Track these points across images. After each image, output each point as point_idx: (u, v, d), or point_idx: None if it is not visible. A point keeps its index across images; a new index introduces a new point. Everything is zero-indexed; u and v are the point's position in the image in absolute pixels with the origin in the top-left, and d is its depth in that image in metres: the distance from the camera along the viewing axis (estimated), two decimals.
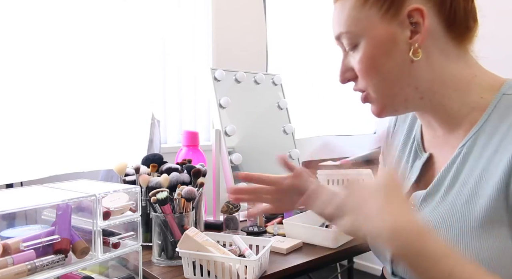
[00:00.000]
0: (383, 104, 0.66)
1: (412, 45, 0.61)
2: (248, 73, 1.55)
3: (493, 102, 0.61)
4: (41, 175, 1.22)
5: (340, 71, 0.68)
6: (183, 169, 1.15)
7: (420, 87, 0.63)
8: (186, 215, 1.00)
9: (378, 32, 0.61)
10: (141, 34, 1.50)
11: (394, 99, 0.65)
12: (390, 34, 0.61)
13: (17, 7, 1.17)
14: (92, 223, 0.78)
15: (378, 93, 0.65)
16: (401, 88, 0.63)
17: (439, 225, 0.61)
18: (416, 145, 0.73)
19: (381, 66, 0.62)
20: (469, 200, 0.58)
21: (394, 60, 0.62)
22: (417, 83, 0.63)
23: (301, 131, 1.90)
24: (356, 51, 0.64)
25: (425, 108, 0.66)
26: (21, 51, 1.18)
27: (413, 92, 0.63)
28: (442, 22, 0.61)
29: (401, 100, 0.65)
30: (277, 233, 1.20)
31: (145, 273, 0.95)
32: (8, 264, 0.66)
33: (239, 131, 1.45)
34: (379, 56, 0.62)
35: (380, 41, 0.62)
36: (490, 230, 0.56)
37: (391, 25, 0.61)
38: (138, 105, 1.49)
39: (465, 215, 0.58)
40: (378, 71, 0.63)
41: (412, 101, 0.65)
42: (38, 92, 1.22)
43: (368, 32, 0.62)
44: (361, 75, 0.65)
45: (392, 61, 0.62)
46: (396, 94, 0.64)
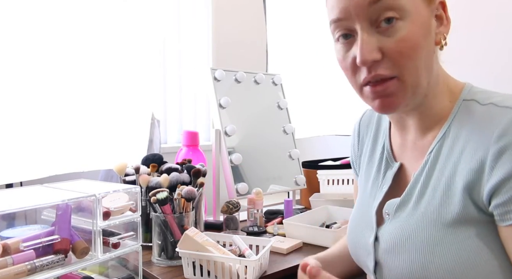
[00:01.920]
0: (406, 95, 0.59)
1: (440, 35, 0.60)
2: (248, 73, 1.55)
3: (455, 108, 0.61)
4: (41, 175, 1.22)
5: (364, 50, 0.57)
6: (183, 169, 1.15)
7: (430, 83, 0.61)
8: (186, 215, 1.00)
9: (422, 12, 0.58)
10: (141, 34, 1.50)
11: (417, 91, 0.59)
12: (429, 17, 0.59)
13: (17, 8, 1.17)
14: (92, 223, 0.78)
15: (409, 80, 0.58)
16: (424, 78, 0.59)
17: (415, 231, 0.61)
18: (387, 154, 0.72)
19: (421, 49, 0.57)
20: (439, 208, 0.59)
21: (428, 46, 0.59)
22: (430, 78, 0.61)
23: (301, 131, 1.90)
24: (395, 28, 0.56)
25: (418, 109, 0.64)
26: (21, 51, 1.18)
27: (426, 87, 0.60)
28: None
29: (418, 94, 0.60)
30: (277, 233, 1.19)
31: (145, 273, 0.94)
32: (8, 264, 0.66)
33: (239, 131, 1.45)
34: (422, 37, 0.57)
35: (423, 22, 0.58)
36: (463, 232, 0.56)
37: (428, 10, 0.59)
38: (138, 105, 1.49)
39: (438, 219, 0.58)
40: (419, 53, 0.57)
41: (420, 98, 0.61)
42: (38, 93, 1.22)
43: (415, 9, 0.57)
44: (400, 55, 0.57)
45: (427, 47, 0.59)
46: (419, 85, 0.59)
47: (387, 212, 0.66)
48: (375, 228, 0.67)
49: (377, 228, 0.67)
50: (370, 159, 0.77)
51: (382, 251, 0.65)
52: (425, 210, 0.60)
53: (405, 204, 0.64)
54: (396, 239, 0.63)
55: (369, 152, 0.77)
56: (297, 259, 1.01)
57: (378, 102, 0.60)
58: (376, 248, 0.67)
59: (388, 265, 0.64)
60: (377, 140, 0.76)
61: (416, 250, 0.59)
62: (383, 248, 0.65)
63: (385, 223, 0.66)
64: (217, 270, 0.88)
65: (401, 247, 0.62)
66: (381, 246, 0.66)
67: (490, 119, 0.56)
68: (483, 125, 0.56)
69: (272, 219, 1.34)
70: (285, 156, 1.57)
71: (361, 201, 0.76)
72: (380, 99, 0.60)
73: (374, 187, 0.73)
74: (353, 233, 0.74)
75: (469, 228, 0.56)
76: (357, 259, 0.73)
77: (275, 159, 1.54)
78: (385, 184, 0.70)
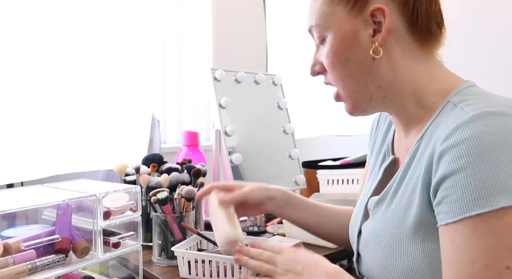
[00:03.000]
0: (352, 102, 0.67)
1: (373, 43, 0.62)
2: (248, 73, 1.55)
3: (438, 109, 0.61)
4: (42, 175, 1.22)
5: (311, 64, 0.70)
6: (183, 169, 1.16)
7: (383, 86, 0.64)
8: (186, 214, 1.00)
9: (343, 27, 0.63)
10: (141, 34, 1.51)
11: (360, 96, 0.66)
12: (354, 30, 0.62)
13: (18, 9, 1.17)
14: (93, 222, 0.78)
15: (345, 90, 0.66)
16: (365, 85, 0.64)
17: (382, 230, 0.63)
18: (386, 148, 0.75)
19: (345, 61, 0.64)
20: (404, 210, 0.60)
21: (357, 56, 0.63)
22: (379, 82, 0.64)
23: (301, 131, 1.90)
24: (324, 45, 0.66)
25: (389, 109, 0.68)
26: (21, 52, 1.18)
27: (376, 90, 0.64)
28: (404, 23, 0.62)
29: (366, 99, 0.66)
30: (277, 233, 1.20)
31: (145, 273, 0.95)
32: (9, 263, 0.66)
33: (239, 131, 1.45)
34: (343, 51, 0.63)
35: (344, 36, 0.63)
36: (421, 235, 0.57)
37: (356, 22, 0.62)
38: (138, 106, 1.49)
39: (400, 224, 0.60)
40: (343, 65, 0.64)
41: (377, 100, 0.65)
42: (39, 93, 1.22)
43: (334, 27, 0.64)
44: (328, 69, 0.66)
45: (355, 57, 0.63)
46: (360, 91, 0.65)
47: (369, 207, 0.70)
48: (360, 222, 0.72)
49: (362, 222, 0.72)
50: (378, 152, 0.79)
51: (361, 244, 0.70)
52: (393, 210, 0.63)
53: (382, 201, 0.66)
54: (369, 234, 0.67)
55: (379, 145, 0.79)
56: None
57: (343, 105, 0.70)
58: (359, 241, 0.71)
59: (364, 257, 0.69)
60: (387, 134, 0.78)
61: (380, 247, 0.63)
62: (362, 242, 0.70)
63: (369, 218, 0.70)
64: (212, 269, 0.88)
65: (371, 243, 0.66)
66: (361, 239, 0.70)
67: (446, 122, 0.57)
68: (442, 127, 0.57)
69: (272, 219, 1.34)
70: (285, 156, 1.57)
71: (362, 193, 0.79)
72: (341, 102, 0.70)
73: (370, 180, 0.76)
74: (351, 223, 0.78)
75: (427, 231, 0.57)
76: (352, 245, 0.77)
77: (275, 159, 1.54)
78: (377, 177, 0.72)
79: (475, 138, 0.50)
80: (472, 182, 0.49)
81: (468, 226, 0.50)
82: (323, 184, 1.47)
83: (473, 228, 0.49)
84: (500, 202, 0.48)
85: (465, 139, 0.51)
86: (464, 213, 0.50)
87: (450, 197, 0.52)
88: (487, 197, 0.48)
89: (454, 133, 0.52)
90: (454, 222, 0.51)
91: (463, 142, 0.51)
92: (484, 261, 0.48)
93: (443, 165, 0.53)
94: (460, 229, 0.51)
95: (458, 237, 0.51)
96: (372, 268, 0.65)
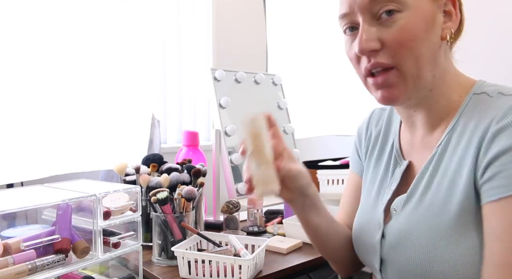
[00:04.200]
0: (406, 86, 0.61)
1: (446, 30, 0.61)
2: (248, 73, 1.55)
3: (465, 102, 0.62)
4: (42, 175, 1.22)
5: (363, 39, 0.60)
6: (183, 169, 1.16)
7: (436, 77, 0.62)
8: (186, 214, 1.00)
9: (425, 6, 0.60)
10: (141, 34, 1.51)
11: (419, 82, 0.61)
12: (432, 12, 0.60)
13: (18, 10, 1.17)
14: (93, 222, 0.78)
15: (409, 71, 0.60)
16: (428, 71, 0.61)
17: (418, 225, 0.61)
18: (396, 153, 0.72)
19: (422, 41, 0.59)
20: (444, 200, 0.59)
21: (431, 39, 0.60)
22: (436, 72, 0.62)
23: (301, 131, 1.90)
24: (394, 19, 0.59)
25: (423, 104, 0.65)
26: (22, 52, 1.18)
27: (430, 80, 0.62)
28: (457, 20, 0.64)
29: (422, 86, 0.62)
30: (277, 233, 1.20)
31: (145, 273, 0.95)
32: (9, 263, 0.66)
33: (239, 131, 1.45)
34: (422, 29, 0.59)
35: (424, 15, 0.60)
36: (465, 226, 0.56)
37: (434, 5, 0.61)
38: (138, 106, 1.49)
39: (441, 214, 0.58)
40: (418, 45, 0.59)
41: (424, 91, 0.63)
42: (39, 93, 1.22)
43: (417, 2, 0.59)
44: (398, 45, 0.59)
45: (430, 40, 0.60)
46: (423, 77, 0.61)
47: (395, 208, 0.66)
48: (382, 225, 0.67)
49: (384, 225, 0.67)
50: (379, 158, 0.76)
51: (388, 247, 0.65)
52: (430, 203, 0.60)
53: (411, 198, 0.64)
54: (401, 233, 0.63)
55: (378, 151, 0.77)
56: (297, 259, 1.02)
57: (380, 93, 0.63)
58: (382, 246, 0.66)
59: (392, 262, 0.64)
60: (387, 140, 0.76)
61: (419, 243, 0.59)
62: (389, 244, 0.65)
63: (392, 219, 0.66)
64: (212, 269, 0.88)
65: (405, 242, 0.62)
66: (387, 243, 0.66)
67: (494, 107, 0.57)
68: (487, 113, 0.58)
69: (272, 219, 1.34)
70: None
71: (367, 200, 0.75)
72: (382, 90, 0.62)
73: (382, 186, 0.73)
74: (359, 232, 0.74)
75: (472, 222, 0.56)
76: (363, 258, 0.73)
77: None
78: (393, 182, 0.70)
79: None
80: None
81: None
82: (323, 184, 1.47)
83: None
84: None
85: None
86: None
87: (505, 172, 0.52)
88: None
89: (509, 113, 0.54)
90: (509, 196, 0.52)
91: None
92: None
93: (497, 143, 0.54)
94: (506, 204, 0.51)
95: (503, 213, 0.51)
96: (408, 270, 0.61)
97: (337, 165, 1.63)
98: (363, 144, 0.82)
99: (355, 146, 0.85)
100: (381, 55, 0.60)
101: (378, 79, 0.62)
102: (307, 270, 1.02)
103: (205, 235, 1.00)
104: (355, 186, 0.83)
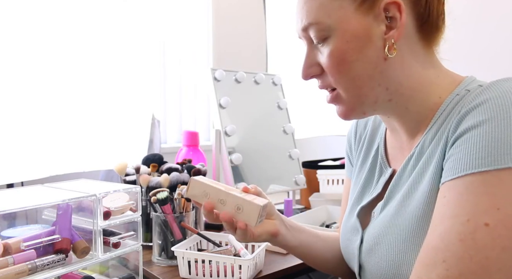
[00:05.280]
0: (352, 105, 0.61)
1: (388, 41, 0.56)
2: (248, 73, 1.55)
3: (446, 102, 0.58)
4: (42, 175, 1.22)
5: (303, 66, 0.63)
6: (183, 169, 1.16)
7: (390, 88, 0.59)
8: (186, 214, 1.00)
9: (352, 25, 0.56)
10: (141, 34, 1.51)
11: (365, 99, 0.60)
12: (364, 28, 0.56)
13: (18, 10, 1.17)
14: (93, 222, 0.78)
15: (348, 93, 0.60)
16: (372, 88, 0.59)
17: (388, 229, 0.59)
18: (381, 160, 0.70)
19: (353, 62, 0.57)
20: (411, 203, 0.57)
21: (367, 56, 0.57)
22: (388, 84, 0.59)
23: (301, 131, 1.90)
24: (325, 45, 0.59)
25: (391, 112, 0.63)
26: (22, 52, 1.18)
27: (383, 93, 0.60)
28: (415, 20, 0.59)
29: (370, 102, 0.60)
30: None
31: (145, 273, 0.95)
32: (9, 263, 0.66)
33: (239, 131, 1.45)
34: (351, 51, 0.57)
35: (353, 35, 0.57)
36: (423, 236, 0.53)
37: (366, 19, 0.57)
38: (138, 106, 1.49)
39: (408, 217, 0.57)
40: (350, 67, 0.58)
41: (382, 103, 0.61)
42: (39, 93, 1.22)
43: (341, 25, 0.57)
44: (330, 71, 0.59)
45: (365, 58, 0.57)
46: (366, 95, 0.60)
47: (374, 213, 0.66)
48: (360, 231, 0.67)
49: (362, 230, 0.67)
50: (363, 161, 0.75)
51: (364, 253, 0.65)
52: (400, 207, 0.59)
53: (387, 203, 0.63)
54: (375, 238, 0.62)
55: (363, 154, 0.76)
56: (297, 259, 1.01)
57: (336, 109, 0.65)
58: (360, 251, 0.66)
59: (368, 266, 0.64)
60: (373, 143, 0.75)
61: (390, 246, 0.58)
62: (365, 250, 0.65)
63: (369, 224, 0.66)
64: (212, 269, 0.88)
65: (377, 246, 0.61)
66: (364, 248, 0.65)
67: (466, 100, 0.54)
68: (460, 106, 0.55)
69: None
70: (285, 156, 1.57)
71: (350, 204, 0.75)
72: (335, 106, 0.64)
73: (364, 191, 0.72)
74: (342, 237, 0.74)
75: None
76: (349, 263, 0.73)
77: (275, 159, 1.54)
78: (375, 190, 0.68)
79: (494, 99, 0.49)
80: (484, 139, 0.47)
81: (464, 183, 0.48)
82: (323, 184, 1.47)
83: (468, 185, 0.48)
84: (508, 162, 0.46)
85: (484, 100, 0.50)
86: (466, 170, 0.48)
87: (456, 155, 0.50)
88: (496, 155, 0.46)
89: (475, 99, 0.51)
90: (451, 180, 0.49)
91: (483, 103, 0.50)
92: (466, 216, 0.46)
93: (458, 130, 0.51)
94: (454, 185, 0.49)
95: (450, 193, 0.49)
96: (381, 274, 0.60)
97: (337, 165, 1.63)
98: (353, 147, 0.81)
99: (346, 152, 0.84)
100: (323, 78, 0.62)
101: (328, 96, 0.64)
102: (307, 270, 1.02)
103: (205, 235, 1.00)
104: (348, 190, 0.82)
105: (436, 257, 0.48)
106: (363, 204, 0.69)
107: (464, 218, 0.46)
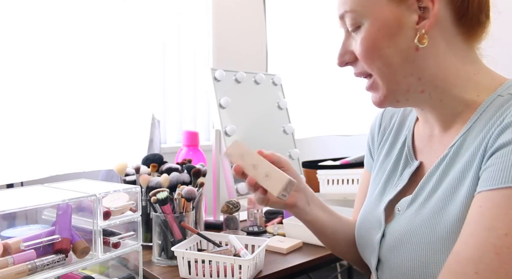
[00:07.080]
0: (386, 92, 0.62)
1: (419, 31, 0.58)
2: (248, 73, 1.55)
3: (487, 102, 0.58)
4: (42, 175, 1.22)
5: (339, 53, 0.65)
6: (183, 169, 1.16)
7: (423, 79, 0.60)
8: (186, 214, 1.00)
9: (384, 14, 0.58)
10: (141, 34, 1.51)
11: (397, 87, 0.61)
12: (396, 17, 0.58)
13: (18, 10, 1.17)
14: (93, 223, 0.78)
15: (382, 79, 0.61)
16: (404, 76, 0.60)
17: (418, 228, 0.59)
18: (407, 152, 0.70)
19: (383, 49, 0.59)
20: (446, 205, 0.56)
21: (397, 44, 0.58)
22: (420, 74, 0.60)
23: (301, 131, 1.90)
24: (358, 33, 0.61)
25: (424, 104, 0.64)
26: (22, 52, 1.18)
27: (415, 83, 0.60)
28: (453, 13, 0.59)
29: (403, 90, 0.61)
30: (277, 233, 1.20)
31: (145, 273, 0.95)
32: (9, 263, 0.66)
33: (239, 131, 1.45)
34: (381, 38, 0.59)
35: (384, 23, 0.58)
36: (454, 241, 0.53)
37: (399, 8, 0.58)
38: (138, 106, 1.49)
39: (441, 219, 0.56)
40: (380, 54, 0.59)
41: (414, 93, 0.62)
42: (39, 93, 1.22)
43: (374, 13, 0.59)
44: (361, 57, 0.61)
45: (396, 46, 0.59)
46: (398, 82, 0.61)
47: (399, 208, 0.65)
48: (383, 225, 0.66)
49: (385, 225, 0.66)
50: (388, 153, 0.75)
51: (386, 248, 0.64)
52: (433, 207, 0.58)
53: (416, 200, 0.62)
54: (401, 235, 0.62)
55: (388, 146, 0.75)
56: (297, 259, 1.02)
57: (371, 97, 0.65)
58: (381, 245, 0.66)
59: (389, 262, 0.63)
60: (399, 135, 0.75)
61: (418, 246, 0.58)
62: (388, 245, 0.64)
63: (394, 219, 0.65)
64: (212, 269, 0.88)
65: (404, 244, 0.60)
66: (386, 243, 0.65)
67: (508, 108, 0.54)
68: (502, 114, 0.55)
69: (272, 219, 1.34)
70: (285, 156, 1.57)
71: (370, 197, 0.74)
72: (370, 92, 0.65)
73: (387, 184, 0.71)
74: (361, 229, 0.73)
75: None
76: (363, 255, 0.73)
77: None
78: (400, 182, 0.68)
79: None
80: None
81: (503, 195, 0.48)
82: (323, 184, 1.47)
83: (506, 198, 0.47)
84: None
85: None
86: (506, 182, 0.48)
87: (496, 166, 0.50)
88: None
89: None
90: (489, 190, 0.49)
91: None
92: (504, 230, 0.46)
93: (499, 140, 0.52)
94: (492, 196, 0.49)
95: (487, 204, 0.49)
96: (404, 272, 0.60)
97: (337, 165, 1.63)
98: (376, 139, 0.81)
99: (368, 145, 0.84)
100: (358, 65, 0.64)
101: (366, 84, 0.65)
102: (307, 270, 1.02)
103: (205, 235, 1.00)
104: (366, 183, 0.82)
105: (467, 267, 0.48)
106: (390, 198, 0.68)
107: (501, 232, 0.47)
